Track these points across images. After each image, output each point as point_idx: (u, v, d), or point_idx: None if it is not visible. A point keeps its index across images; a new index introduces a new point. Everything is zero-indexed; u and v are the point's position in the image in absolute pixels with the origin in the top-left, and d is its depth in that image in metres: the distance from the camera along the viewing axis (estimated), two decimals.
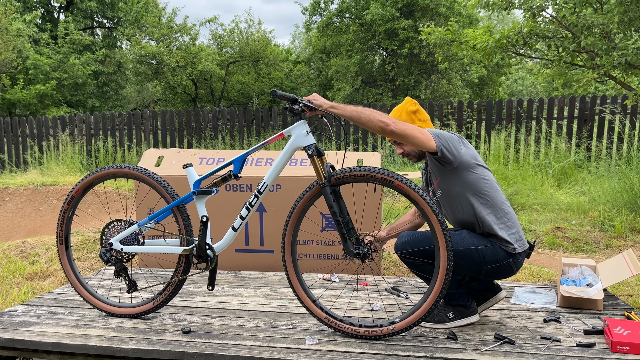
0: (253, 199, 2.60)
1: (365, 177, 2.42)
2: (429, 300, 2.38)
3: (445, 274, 2.33)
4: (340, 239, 2.47)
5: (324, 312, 2.59)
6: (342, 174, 2.46)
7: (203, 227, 2.65)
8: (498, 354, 2.34)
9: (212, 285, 2.71)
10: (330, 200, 2.44)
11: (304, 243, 3.76)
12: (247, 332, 2.63)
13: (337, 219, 2.43)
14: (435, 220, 2.33)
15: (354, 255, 2.44)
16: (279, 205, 3.75)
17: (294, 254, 2.65)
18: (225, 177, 2.65)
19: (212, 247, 2.66)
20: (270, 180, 2.58)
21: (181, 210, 2.72)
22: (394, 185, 2.38)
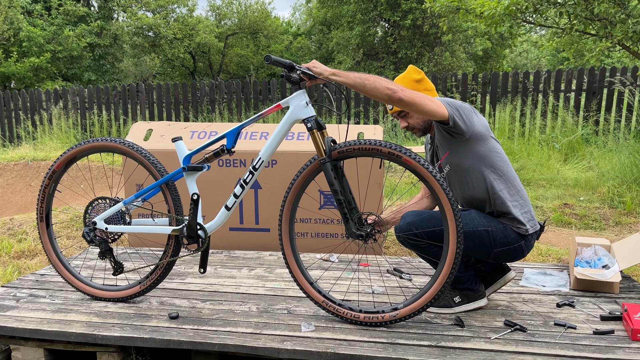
0: (248, 176, 2.39)
1: (370, 151, 2.21)
2: (436, 286, 2.19)
3: (454, 258, 2.14)
4: (342, 219, 2.27)
5: (322, 296, 2.41)
6: (344, 147, 2.25)
7: (194, 205, 2.45)
8: (509, 343, 2.16)
9: (204, 267, 2.53)
10: (331, 177, 2.23)
11: (302, 221, 3.57)
12: (239, 317, 2.46)
13: (339, 198, 2.23)
14: (445, 199, 2.13)
15: (356, 237, 2.24)
16: (275, 182, 3.55)
17: (292, 233, 2.46)
18: (218, 151, 2.44)
19: (204, 227, 2.46)
20: (266, 155, 2.37)
21: (170, 187, 2.52)
22: (402, 161, 2.17)
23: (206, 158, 2.47)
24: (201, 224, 2.46)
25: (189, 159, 2.48)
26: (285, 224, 2.45)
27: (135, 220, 2.64)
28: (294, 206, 2.43)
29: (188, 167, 2.44)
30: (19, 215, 5.23)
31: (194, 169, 2.45)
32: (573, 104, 8.31)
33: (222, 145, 2.42)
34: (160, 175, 2.52)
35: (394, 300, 2.63)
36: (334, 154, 2.26)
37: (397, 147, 2.18)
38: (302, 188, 2.39)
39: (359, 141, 2.23)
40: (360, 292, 2.77)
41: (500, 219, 2.42)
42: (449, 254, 2.15)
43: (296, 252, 2.47)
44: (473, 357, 2.05)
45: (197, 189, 2.47)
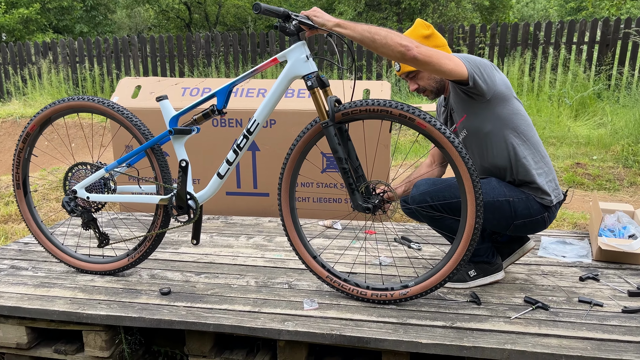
0: (242, 140, 2.15)
1: (379, 112, 1.95)
2: (451, 263, 1.99)
3: (472, 234, 1.92)
4: (347, 190, 2.03)
5: (326, 271, 2.22)
6: (350, 109, 1.99)
7: (182, 173, 2.21)
8: (531, 323, 1.98)
9: (197, 238, 2.32)
10: (335, 142, 1.98)
11: (303, 186, 3.34)
12: (236, 293, 2.27)
13: (343, 167, 1.99)
14: (464, 168, 1.89)
15: (362, 210, 2.02)
16: (273, 143, 3.30)
17: (292, 202, 2.24)
18: (207, 112, 2.18)
19: (194, 196, 2.24)
20: (262, 117, 2.12)
21: (156, 152, 2.28)
22: (415, 124, 1.92)
23: (194, 120, 2.21)
24: (191, 193, 2.23)
25: (176, 120, 2.23)
26: (284, 193, 2.22)
27: (121, 187, 2.42)
28: (294, 174, 2.20)
29: (175, 130, 2.19)
30: (6, 176, 5.00)
31: (182, 132, 2.20)
32: (585, 57, 7.94)
33: (212, 105, 2.17)
34: (145, 138, 2.27)
35: (403, 273, 2.44)
36: (338, 116, 2.00)
37: (409, 108, 1.92)
38: (303, 154, 2.16)
39: (366, 101, 1.97)
40: (367, 263, 2.57)
41: (522, 188, 2.19)
42: (466, 228, 1.93)
43: (297, 224, 2.25)
44: (493, 340, 1.86)
45: (185, 155, 2.23)
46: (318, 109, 2.01)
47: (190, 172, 2.27)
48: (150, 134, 2.30)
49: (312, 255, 2.24)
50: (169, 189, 2.29)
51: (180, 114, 2.24)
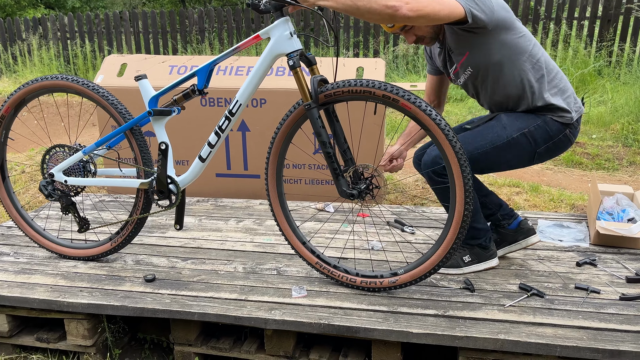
0: (223, 121, 2.05)
1: (362, 93, 1.85)
2: (440, 251, 1.91)
3: (462, 220, 1.84)
4: (331, 175, 1.95)
5: (316, 257, 2.15)
6: (332, 89, 1.89)
7: (162, 156, 2.12)
8: (525, 311, 1.92)
9: (180, 223, 2.24)
10: (318, 125, 1.89)
11: (294, 167, 3.25)
12: (223, 279, 2.20)
13: (327, 151, 1.90)
14: (451, 152, 1.80)
15: (347, 196, 1.94)
16: (264, 124, 3.20)
17: (280, 187, 2.16)
18: (188, 92, 2.08)
19: (175, 180, 2.15)
20: (244, 97, 2.01)
21: (136, 134, 2.18)
22: (399, 105, 1.82)
23: (174, 100, 2.11)
24: (172, 177, 2.14)
25: (156, 101, 2.13)
26: (271, 178, 2.14)
27: (102, 170, 2.33)
28: (280, 158, 2.11)
29: (154, 111, 2.09)
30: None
31: (161, 113, 2.10)
32: (586, 33, 7.77)
33: (192, 85, 2.06)
34: (124, 119, 2.18)
35: (395, 258, 2.38)
36: (322, 97, 1.91)
37: (393, 88, 1.82)
38: (288, 137, 2.06)
39: (348, 82, 1.87)
40: (358, 248, 2.50)
41: (538, 113, 2.10)
42: (455, 215, 1.85)
43: (286, 209, 2.17)
44: (486, 329, 1.80)
45: (166, 137, 2.14)
46: (301, 90, 1.91)
47: (171, 155, 2.17)
48: (129, 114, 2.20)
49: (301, 240, 2.17)
50: (149, 172, 2.20)
51: (160, 94, 2.13)
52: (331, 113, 1.98)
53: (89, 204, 3.15)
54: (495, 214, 2.28)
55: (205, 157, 2.11)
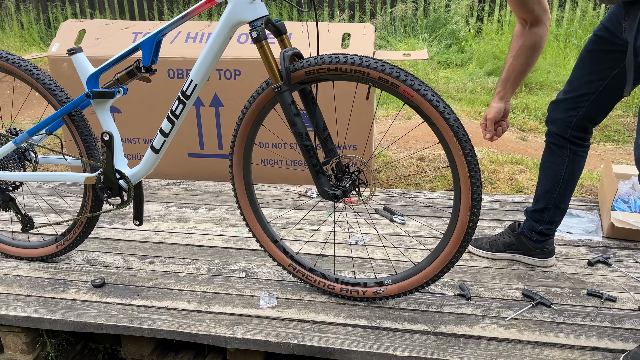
0: (177, 106, 1.71)
1: (352, 73, 1.50)
2: (436, 264, 1.61)
3: (465, 233, 1.53)
4: (310, 172, 1.63)
5: (289, 258, 1.86)
6: (316, 66, 1.54)
7: (106, 148, 1.80)
8: (529, 326, 1.64)
9: (140, 219, 1.93)
10: (290, 113, 1.56)
11: (274, 147, 2.93)
12: (183, 284, 1.92)
13: (304, 144, 1.58)
14: (459, 154, 1.47)
15: (330, 198, 1.62)
16: (239, 98, 2.86)
17: (248, 178, 1.85)
18: (131, 69, 1.74)
19: (125, 175, 1.83)
20: (200, 76, 1.67)
21: (76, 119, 1.86)
22: (399, 92, 1.48)
23: (117, 79, 1.77)
24: (121, 172, 1.83)
25: (96, 80, 1.79)
26: (237, 166, 1.82)
27: (44, 158, 2.02)
28: (247, 144, 1.79)
29: (93, 93, 1.76)
30: None
31: (102, 96, 1.77)
32: None
33: (137, 61, 1.72)
34: (60, 103, 1.85)
35: (381, 256, 2.09)
36: (297, 76, 1.57)
37: (393, 70, 1.47)
38: (256, 124, 1.74)
39: (337, 58, 1.52)
40: (341, 242, 2.21)
41: None
42: (457, 226, 1.54)
43: (255, 202, 1.87)
44: (483, 351, 1.53)
45: (111, 125, 1.80)
46: (268, 69, 1.57)
47: (120, 147, 1.84)
48: (67, 97, 1.88)
49: (272, 239, 1.88)
50: (95, 166, 1.88)
51: (100, 72, 1.79)
52: (307, 94, 1.65)
53: (47, 188, 2.84)
54: (543, 222, 1.96)
55: (158, 147, 1.78)
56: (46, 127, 1.88)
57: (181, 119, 1.73)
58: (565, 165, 1.84)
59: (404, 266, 2.00)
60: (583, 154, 1.86)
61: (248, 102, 1.70)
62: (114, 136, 1.80)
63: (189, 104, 1.70)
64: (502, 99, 1.79)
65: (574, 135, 1.81)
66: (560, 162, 1.85)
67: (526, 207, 2.01)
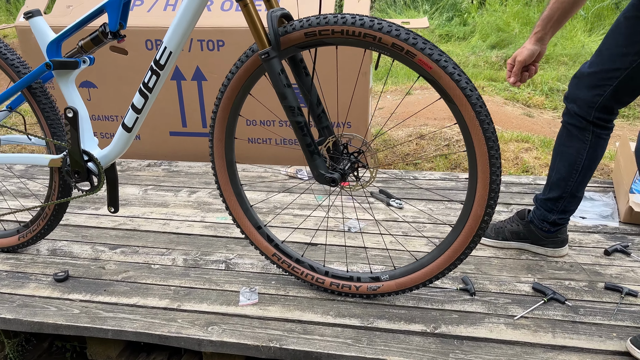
0: (150, 77, 1.49)
1: (360, 37, 1.27)
2: (442, 259, 1.42)
3: (478, 227, 1.33)
4: (303, 153, 1.42)
5: (273, 246, 1.66)
6: (316, 27, 1.31)
7: (70, 126, 1.58)
8: (541, 326, 1.45)
9: (115, 206, 1.71)
10: (280, 83, 1.34)
11: (262, 124, 2.72)
12: (155, 277, 1.73)
13: (297, 120, 1.36)
14: (480, 138, 1.25)
15: (327, 182, 1.42)
16: (223, 71, 2.63)
17: (231, 155, 1.64)
18: (97, 36, 1.52)
19: (94, 156, 1.62)
20: (174, 43, 1.43)
21: (36, 93, 1.64)
22: (415, 62, 1.25)
23: (81, 46, 1.55)
24: (89, 153, 1.61)
25: (57, 48, 1.57)
26: (218, 141, 1.61)
27: (5, 138, 1.81)
28: (231, 118, 1.57)
29: (54, 63, 1.54)
30: None
31: (65, 66, 1.55)
32: None
33: (102, 25, 1.50)
34: (18, 75, 1.63)
35: (376, 245, 1.90)
36: (289, 39, 1.35)
37: (409, 36, 1.24)
38: (241, 95, 1.51)
39: (342, 18, 1.28)
40: (333, 230, 2.02)
41: None
42: (470, 219, 1.34)
43: (237, 183, 1.67)
44: (490, 356, 1.35)
45: (76, 99, 1.59)
46: (254, 32, 1.34)
47: (87, 124, 1.62)
48: (25, 68, 1.66)
49: (255, 225, 1.68)
50: (60, 146, 1.67)
51: (62, 38, 1.57)
52: (299, 63, 1.43)
53: (19, 169, 2.64)
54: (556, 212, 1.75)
55: (130, 125, 1.55)
56: (5, 102, 1.67)
57: (155, 93, 1.50)
58: (586, 150, 1.62)
59: (401, 257, 1.81)
60: (606, 137, 1.63)
61: (231, 71, 1.47)
62: (78, 112, 1.57)
63: (164, 75, 1.47)
64: (539, 41, 1.52)
65: (598, 117, 1.58)
66: (581, 146, 1.62)
67: (536, 194, 1.81)
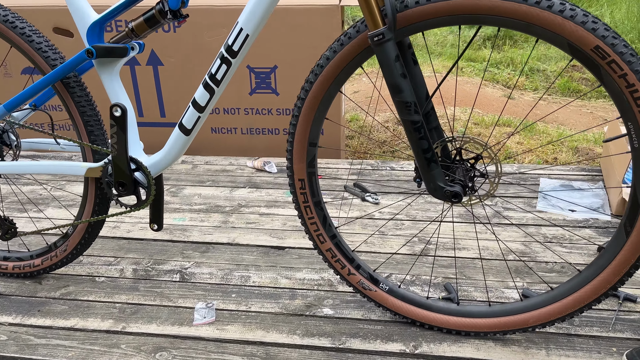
0: (219, 67, 1.19)
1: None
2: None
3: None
4: (418, 162, 1.15)
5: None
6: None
7: (117, 127, 1.30)
8: (534, 342, 1.30)
9: (158, 222, 1.45)
10: (395, 72, 1.06)
11: (225, 112, 2.50)
12: (99, 293, 1.52)
13: (412, 119, 1.09)
14: None
15: (447, 198, 1.15)
16: (182, 55, 2.40)
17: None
18: (152, 16, 1.22)
19: (142, 164, 1.35)
20: (252, 23, 1.14)
21: (71, 87, 1.36)
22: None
23: (131, 29, 1.26)
24: (137, 161, 1.35)
25: (100, 31, 1.29)
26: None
27: (28, 142, 1.56)
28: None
29: (97, 49, 1.26)
30: None
31: (110, 53, 1.27)
32: None
33: (160, 2, 1.22)
34: (50, 65, 1.36)
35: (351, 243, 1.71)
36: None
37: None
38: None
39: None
40: (297, 229, 1.83)
41: None
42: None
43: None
44: None
45: (122, 94, 1.32)
46: (364, 6, 1.04)
47: (134, 125, 1.35)
48: (61, 58, 1.38)
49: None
50: (100, 152, 1.42)
51: (107, 19, 1.27)
52: (407, 49, 1.14)
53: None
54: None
55: (190, 126, 1.27)
56: (31, 98, 1.41)
57: (223, 85, 1.22)
58: None
59: (377, 260, 1.63)
60: None
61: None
62: (126, 111, 1.30)
63: (235, 63, 1.19)
64: None
65: None
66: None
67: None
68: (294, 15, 2.28)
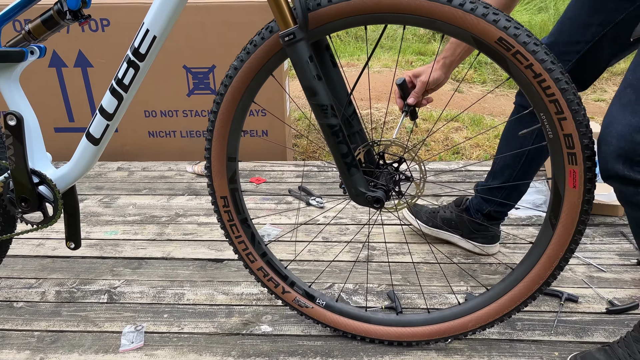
0: (125, 71, 1.12)
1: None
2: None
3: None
4: (338, 168, 1.09)
5: None
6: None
7: (13, 138, 1.18)
8: (476, 349, 1.26)
9: (75, 240, 1.32)
10: (309, 74, 0.99)
11: (163, 115, 2.38)
12: (16, 320, 1.40)
13: (329, 122, 1.02)
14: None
15: (369, 204, 1.10)
16: (111, 55, 2.26)
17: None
18: (50, 17, 1.11)
19: (47, 178, 1.22)
20: (160, 24, 1.08)
21: None
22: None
23: (28, 32, 1.14)
24: (41, 174, 1.22)
25: None
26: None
27: None
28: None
29: None
30: None
31: (5, 58, 1.14)
32: None
33: (57, 2, 1.10)
34: None
35: (291, 255, 1.64)
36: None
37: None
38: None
39: None
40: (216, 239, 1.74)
41: None
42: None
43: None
44: None
45: (21, 101, 1.19)
46: (273, 5, 0.97)
47: (38, 135, 1.22)
48: None
49: None
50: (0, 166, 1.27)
51: (2, 21, 1.14)
52: (324, 50, 1.08)
53: None
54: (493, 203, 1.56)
55: (99, 135, 1.16)
56: None
57: (132, 92, 1.13)
58: (533, 137, 1.43)
59: (319, 268, 1.57)
60: None
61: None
62: (23, 119, 1.17)
63: (144, 67, 1.11)
64: (445, 67, 1.31)
65: None
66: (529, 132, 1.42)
67: (478, 182, 1.62)
68: (231, 12, 2.18)
